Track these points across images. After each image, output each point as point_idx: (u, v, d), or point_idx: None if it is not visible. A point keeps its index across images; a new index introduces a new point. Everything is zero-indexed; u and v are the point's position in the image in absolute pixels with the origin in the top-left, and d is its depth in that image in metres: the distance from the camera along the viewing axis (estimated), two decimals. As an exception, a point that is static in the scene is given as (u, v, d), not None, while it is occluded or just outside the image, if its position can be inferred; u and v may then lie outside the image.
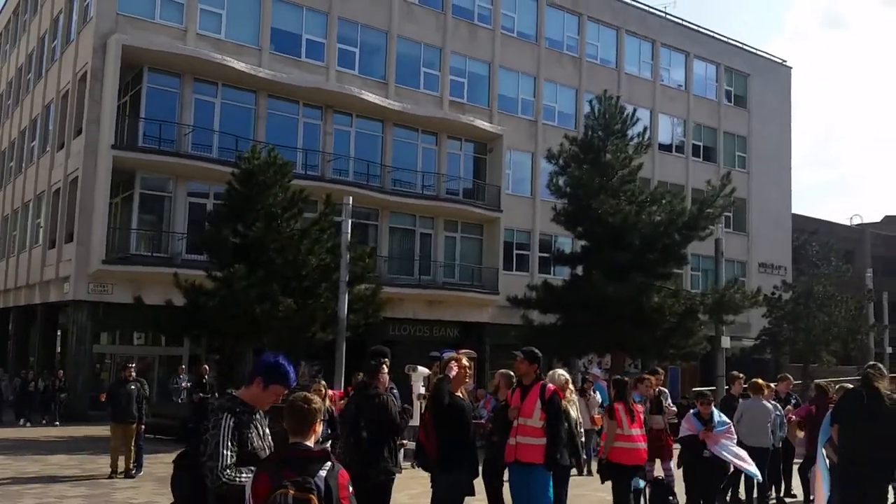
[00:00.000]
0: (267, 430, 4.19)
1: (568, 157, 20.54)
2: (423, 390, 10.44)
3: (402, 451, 8.99)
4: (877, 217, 74.07)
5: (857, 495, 7.49)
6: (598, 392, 14.92)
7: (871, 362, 8.34)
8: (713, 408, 8.48)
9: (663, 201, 19.74)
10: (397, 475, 7.38)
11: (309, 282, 17.54)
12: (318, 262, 17.50)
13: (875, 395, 7.48)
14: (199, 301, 16.64)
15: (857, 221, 48.43)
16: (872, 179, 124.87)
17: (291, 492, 3.39)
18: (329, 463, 3.58)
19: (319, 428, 3.88)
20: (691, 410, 8.71)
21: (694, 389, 24.00)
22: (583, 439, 10.55)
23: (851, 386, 10.60)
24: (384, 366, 7.13)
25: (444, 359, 6.93)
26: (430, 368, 8.95)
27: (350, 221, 18.42)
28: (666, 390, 10.99)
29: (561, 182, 20.71)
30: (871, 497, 7.38)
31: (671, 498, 9.27)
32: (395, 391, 7.28)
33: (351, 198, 19.28)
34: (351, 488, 3.61)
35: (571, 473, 7.99)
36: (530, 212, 31.36)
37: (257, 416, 4.16)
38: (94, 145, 22.38)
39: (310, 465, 3.53)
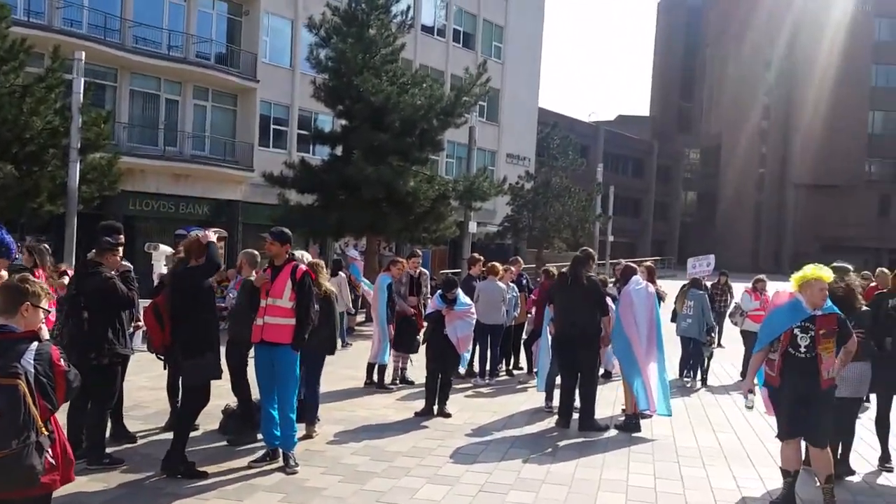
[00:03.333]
0: None
1: (330, 29, 19.71)
2: (164, 269, 9.79)
3: (139, 333, 8.48)
4: (611, 116, 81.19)
5: (570, 361, 8.44)
6: (353, 273, 15.04)
7: (583, 247, 9.13)
8: (458, 290, 8.85)
9: (424, 85, 19.80)
10: (132, 357, 6.98)
11: (34, 146, 15.56)
12: (43, 124, 15.50)
13: (577, 276, 8.37)
14: None
15: (593, 119, 52.53)
16: (609, 80, 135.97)
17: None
18: (36, 343, 3.36)
19: (40, 313, 3.59)
20: (438, 291, 9.02)
21: (441, 272, 25.26)
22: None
23: (553, 269, 11.71)
24: (118, 243, 6.55)
25: (190, 237, 6.49)
26: (175, 247, 8.36)
27: (83, 80, 16.38)
28: (427, 272, 11.29)
29: (322, 55, 19.92)
30: (581, 361, 8.36)
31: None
32: (131, 273, 6.70)
33: (84, 53, 17.04)
34: (65, 363, 3.44)
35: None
36: (289, 85, 30.06)
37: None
38: None
39: (15, 347, 3.29)
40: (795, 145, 73.53)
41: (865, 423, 8.06)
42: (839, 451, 6.65)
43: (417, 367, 10.35)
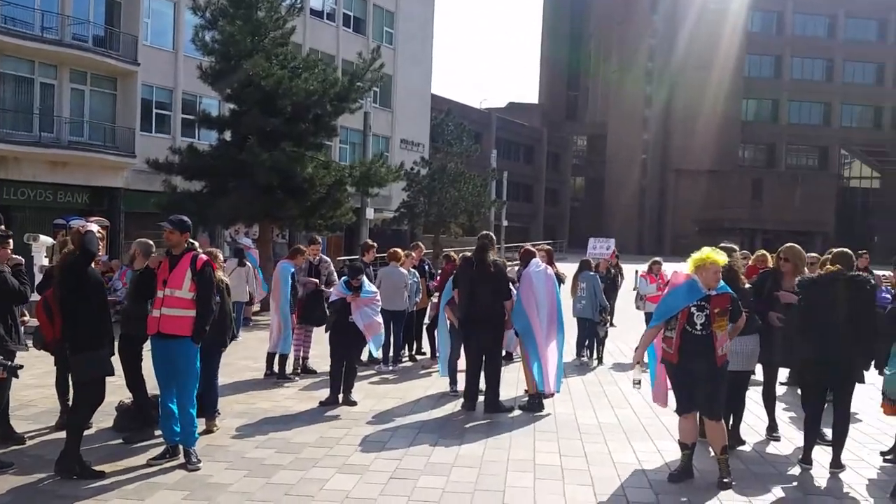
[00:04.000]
0: None
1: (216, 11, 18.99)
2: (46, 261, 9.22)
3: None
4: (502, 103, 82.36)
5: (476, 344, 8.50)
6: (251, 262, 14.61)
7: (484, 232, 9.21)
8: (364, 278, 8.73)
9: (317, 69, 19.40)
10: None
11: None
12: None
13: (482, 261, 8.47)
14: None
15: (485, 106, 53.13)
16: (500, 68, 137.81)
17: None
18: None
19: None
20: (342, 278, 8.92)
21: (339, 258, 24.97)
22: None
23: (454, 253, 11.81)
24: (7, 235, 6.15)
25: (71, 227, 6.14)
26: (55, 237, 7.87)
27: (-54, 61, 15.19)
28: (327, 259, 11.08)
29: (208, 38, 19.17)
30: (485, 344, 8.44)
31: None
32: (22, 266, 6.30)
33: (-54, 32, 15.79)
34: None
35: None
36: (172, 68, 28.83)
37: None
38: None
39: None
40: (675, 132, 76.89)
41: (752, 395, 8.51)
42: (731, 422, 6.98)
43: (320, 356, 10.19)
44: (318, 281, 10.24)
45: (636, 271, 18.11)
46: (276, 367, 9.95)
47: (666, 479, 6.08)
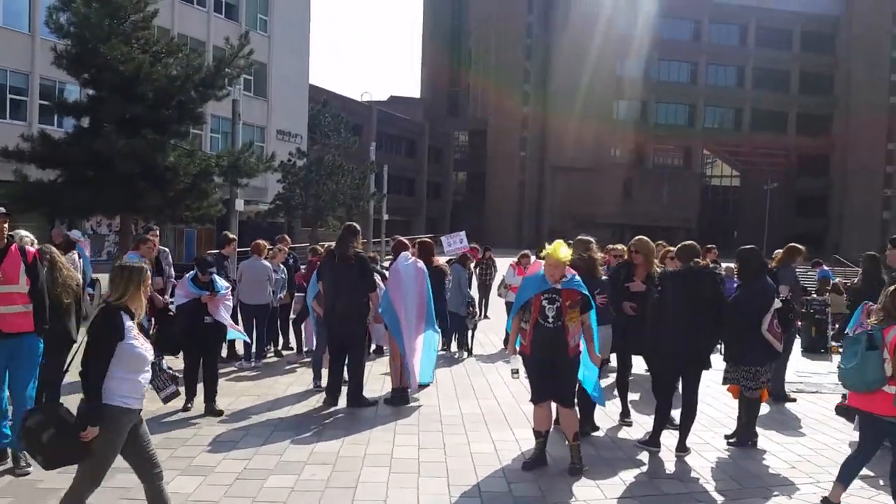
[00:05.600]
0: None
1: (71, -9, 17.81)
2: None
3: None
4: (384, 96, 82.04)
5: (338, 337, 8.29)
6: (81, 257, 13.70)
7: (348, 223, 9.01)
8: (214, 273, 8.17)
9: (180, 54, 18.53)
10: None
11: None
12: None
13: (343, 255, 8.29)
14: None
15: (366, 98, 52.68)
16: (381, 60, 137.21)
17: None
18: None
19: None
20: (187, 276, 8.18)
21: (208, 252, 24.05)
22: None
23: (320, 246, 11.58)
24: None
25: None
26: None
27: None
28: (166, 249, 10.53)
29: (63, 19, 17.95)
30: (349, 337, 8.23)
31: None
32: None
33: None
34: None
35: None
36: (28, 51, 26.96)
37: None
38: None
39: None
40: (552, 130, 79.02)
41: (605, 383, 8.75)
42: (586, 408, 7.12)
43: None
44: (161, 296, 9.46)
45: (509, 264, 18.40)
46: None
47: (520, 468, 6.11)
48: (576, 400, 6.32)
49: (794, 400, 9.26)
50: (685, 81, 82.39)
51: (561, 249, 6.00)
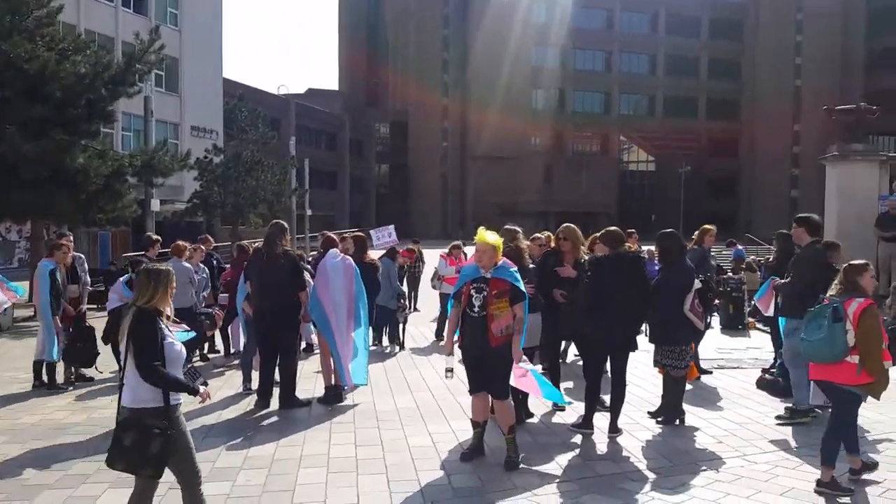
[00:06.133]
0: None
1: (-33, -14, 16.89)
2: None
3: None
4: (301, 89, 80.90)
5: (268, 338, 8.17)
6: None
7: (275, 221, 8.86)
8: None
9: (88, 51, 17.81)
10: None
11: None
12: None
13: (270, 252, 8.16)
14: None
15: (283, 91, 51.76)
16: (299, 54, 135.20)
17: None
18: None
19: None
20: (121, 279, 7.98)
21: (124, 255, 23.25)
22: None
23: (248, 244, 11.40)
24: None
25: None
26: None
27: None
28: (82, 256, 10.14)
29: (-41, 15, 17.01)
30: (279, 337, 8.12)
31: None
32: None
33: None
34: None
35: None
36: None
37: None
38: None
39: None
40: (472, 120, 79.52)
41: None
42: (520, 395, 7.20)
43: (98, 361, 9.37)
44: (74, 305, 9.07)
45: (440, 255, 18.46)
46: (44, 377, 8.99)
47: (459, 459, 6.13)
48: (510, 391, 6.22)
49: (711, 372, 9.68)
50: (600, 70, 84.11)
51: (488, 234, 5.98)
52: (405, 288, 15.14)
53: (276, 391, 8.20)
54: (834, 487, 5.33)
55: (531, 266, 7.39)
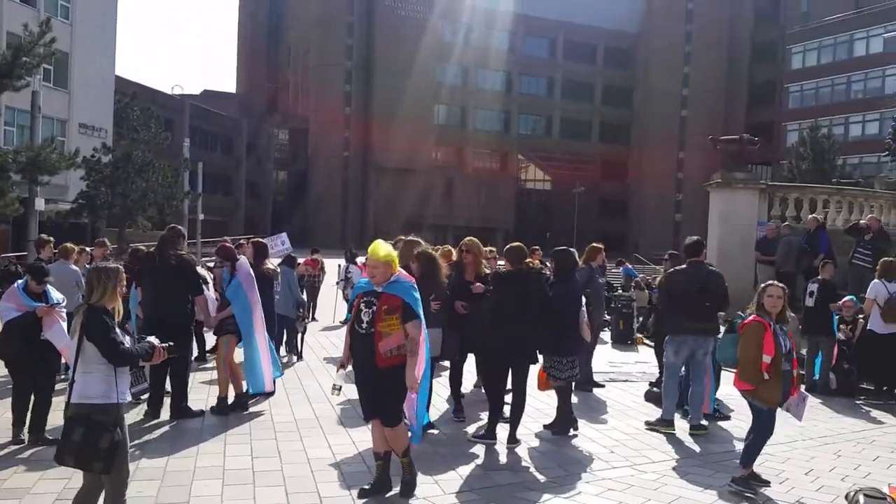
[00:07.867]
0: None
1: None
2: None
3: None
4: (197, 90, 78.59)
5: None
6: None
7: (171, 225, 8.63)
8: (48, 284, 7.03)
9: (-30, 39, 16.81)
10: None
11: None
12: None
13: (164, 256, 7.95)
14: None
15: (178, 92, 50.16)
16: (196, 54, 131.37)
17: None
18: None
19: None
20: (17, 284, 6.98)
21: (5, 256, 21.88)
22: None
23: (143, 248, 11.05)
24: None
25: None
26: None
27: None
28: None
29: None
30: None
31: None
32: None
33: None
34: None
35: None
36: None
37: None
38: None
39: None
40: (376, 131, 79.31)
41: (444, 381, 8.96)
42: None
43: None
44: None
45: (339, 265, 18.38)
46: None
47: (360, 471, 6.09)
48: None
49: (603, 385, 10.01)
50: (501, 90, 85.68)
51: (381, 247, 5.38)
52: (304, 297, 14.94)
53: (166, 401, 7.94)
54: (743, 484, 5.86)
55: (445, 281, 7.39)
